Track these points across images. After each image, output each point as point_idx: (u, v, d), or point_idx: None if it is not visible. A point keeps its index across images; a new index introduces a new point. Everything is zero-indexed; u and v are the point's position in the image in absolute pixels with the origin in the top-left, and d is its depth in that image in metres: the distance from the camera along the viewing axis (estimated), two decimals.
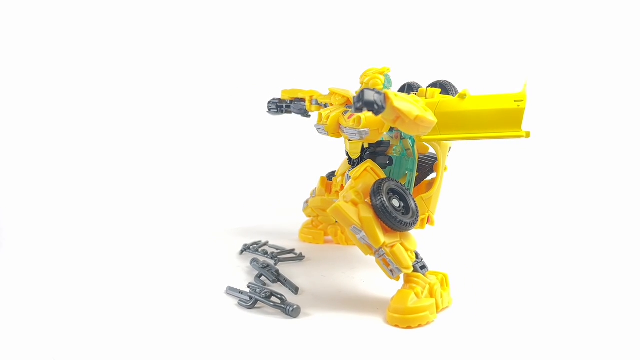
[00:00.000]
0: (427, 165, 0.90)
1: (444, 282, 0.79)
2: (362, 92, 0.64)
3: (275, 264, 0.98)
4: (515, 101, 0.74)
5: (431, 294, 0.75)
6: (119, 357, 0.64)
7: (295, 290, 0.84)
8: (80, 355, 0.64)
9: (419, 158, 0.91)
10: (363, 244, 0.74)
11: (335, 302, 0.81)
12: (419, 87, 0.92)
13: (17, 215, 1.21)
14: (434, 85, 0.89)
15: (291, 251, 1.03)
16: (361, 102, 0.64)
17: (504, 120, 0.75)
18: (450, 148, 0.91)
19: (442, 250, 1.04)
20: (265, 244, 1.08)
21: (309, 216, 1.12)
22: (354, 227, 0.74)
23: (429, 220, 0.88)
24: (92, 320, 0.73)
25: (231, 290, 0.83)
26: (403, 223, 0.73)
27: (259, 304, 0.78)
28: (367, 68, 0.88)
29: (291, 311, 0.75)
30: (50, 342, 0.67)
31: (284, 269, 0.95)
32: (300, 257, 1.01)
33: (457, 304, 0.80)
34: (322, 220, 1.10)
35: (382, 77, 0.86)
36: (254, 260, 0.95)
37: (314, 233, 1.11)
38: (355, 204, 0.75)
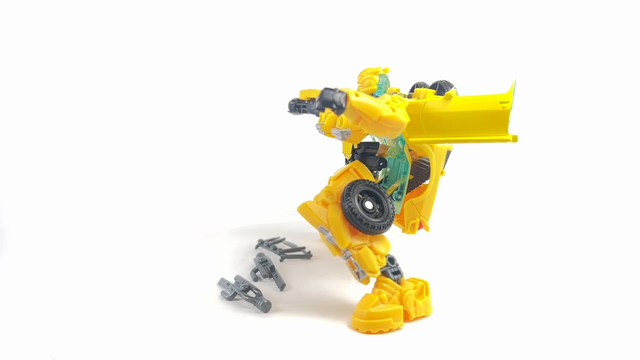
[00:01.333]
0: (426, 168, 0.87)
1: (423, 290, 0.76)
2: (321, 92, 0.65)
3: (281, 260, 1.00)
4: (500, 102, 0.69)
5: (401, 301, 0.73)
6: (118, 354, 0.65)
7: (281, 286, 0.86)
8: (80, 355, 0.65)
9: (419, 161, 0.88)
10: (331, 245, 0.74)
11: (314, 301, 0.81)
12: (425, 86, 0.89)
13: (20, 216, 1.22)
14: (433, 85, 0.85)
15: (300, 249, 1.04)
16: (320, 102, 0.65)
17: (489, 123, 0.70)
18: (449, 152, 0.86)
19: (434, 257, 1.00)
20: (282, 240, 1.10)
21: None
22: (322, 227, 0.74)
23: (421, 226, 0.85)
24: (92, 320, 0.74)
25: (222, 282, 0.87)
26: (370, 226, 0.72)
27: (237, 296, 0.81)
28: (364, 68, 0.87)
29: (261, 305, 0.76)
30: (50, 342, 0.67)
31: (288, 266, 0.97)
32: (308, 256, 1.02)
33: (437, 314, 0.76)
34: None
35: (377, 78, 0.85)
36: (259, 255, 0.98)
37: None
38: (325, 204, 0.75)
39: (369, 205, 0.74)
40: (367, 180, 0.77)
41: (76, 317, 0.74)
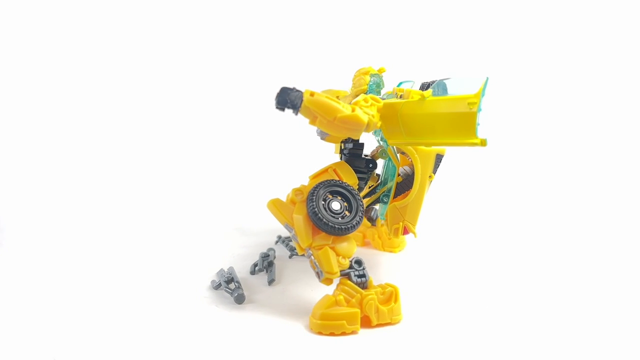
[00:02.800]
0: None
1: (392, 296, 0.73)
2: (279, 91, 0.67)
3: (290, 257, 1.02)
4: (468, 104, 0.65)
5: (360, 305, 0.71)
6: (118, 354, 0.65)
7: (269, 281, 0.88)
8: (80, 355, 0.65)
9: (412, 165, 0.85)
10: (296, 243, 0.75)
11: (293, 299, 0.82)
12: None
13: (18, 215, 1.20)
14: (428, 85, 0.82)
15: None
16: (276, 101, 0.67)
17: (458, 126, 0.67)
18: (440, 155, 0.82)
19: (419, 264, 0.96)
20: None
21: None
22: (287, 225, 0.75)
23: (405, 231, 0.82)
24: (92, 319, 0.74)
25: (219, 272, 0.91)
26: (330, 226, 0.71)
27: (222, 286, 0.85)
28: (358, 68, 0.86)
29: (235, 297, 0.80)
30: (50, 342, 0.67)
31: (292, 263, 0.99)
32: None
33: (405, 323, 0.73)
34: None
35: (367, 78, 0.83)
36: (269, 249, 1.01)
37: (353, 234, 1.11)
38: (293, 202, 0.76)
39: (336, 206, 0.74)
40: (338, 180, 0.76)
41: (76, 317, 0.75)
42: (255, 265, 0.95)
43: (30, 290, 0.84)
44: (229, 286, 0.83)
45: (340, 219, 0.73)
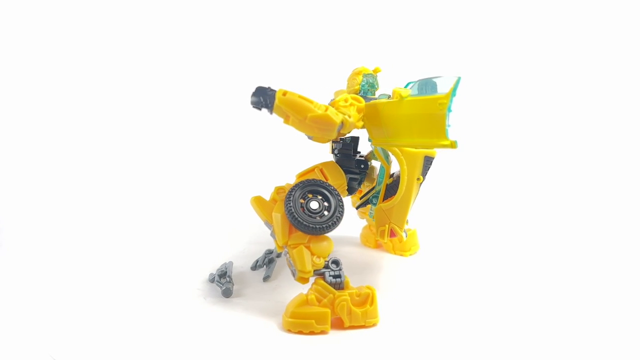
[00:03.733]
0: None
1: (368, 299, 0.72)
2: (254, 90, 0.68)
3: None
4: (439, 104, 0.63)
5: (332, 306, 0.71)
6: (118, 353, 0.66)
7: (265, 277, 0.90)
8: (79, 354, 0.65)
9: None
10: (274, 240, 0.76)
11: (281, 296, 0.83)
12: None
13: (17, 215, 1.20)
14: None
15: None
16: (251, 100, 0.68)
17: (429, 127, 0.66)
18: (429, 158, 0.80)
19: (425, 269, 0.94)
20: None
21: (362, 218, 1.11)
22: (266, 222, 0.76)
23: (392, 234, 0.80)
24: (92, 318, 0.74)
25: (221, 266, 0.94)
26: (304, 225, 0.72)
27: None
28: (354, 68, 0.86)
29: (222, 290, 0.82)
30: (49, 341, 0.68)
31: None
32: None
33: (381, 327, 0.72)
34: (370, 223, 1.08)
35: (360, 78, 0.83)
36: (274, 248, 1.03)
37: (367, 236, 1.10)
38: (275, 200, 0.77)
39: (314, 205, 0.74)
40: (318, 180, 0.76)
41: (75, 316, 0.75)
42: (256, 261, 0.97)
43: (30, 289, 0.85)
44: (221, 280, 0.86)
45: (318, 218, 0.73)
